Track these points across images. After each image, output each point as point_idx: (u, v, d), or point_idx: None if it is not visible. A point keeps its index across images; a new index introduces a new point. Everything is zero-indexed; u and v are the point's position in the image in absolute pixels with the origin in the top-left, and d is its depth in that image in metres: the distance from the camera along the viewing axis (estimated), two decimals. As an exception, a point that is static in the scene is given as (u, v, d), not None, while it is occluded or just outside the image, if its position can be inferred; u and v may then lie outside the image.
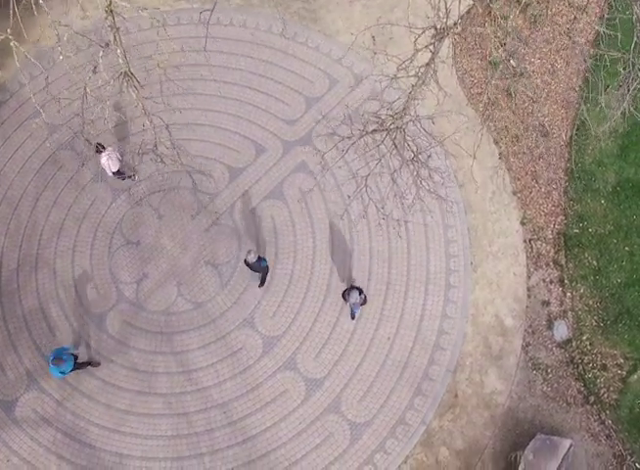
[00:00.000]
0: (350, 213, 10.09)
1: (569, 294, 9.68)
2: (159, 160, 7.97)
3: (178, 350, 9.71)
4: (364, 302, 9.11)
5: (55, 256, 10.41)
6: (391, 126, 7.32)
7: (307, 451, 9.05)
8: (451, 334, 9.53)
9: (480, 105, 11.18)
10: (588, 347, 9.36)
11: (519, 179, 10.43)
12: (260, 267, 9.33)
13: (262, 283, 9.83)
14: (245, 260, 9.17)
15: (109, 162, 9.76)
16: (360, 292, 8.71)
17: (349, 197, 9.74)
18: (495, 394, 9.21)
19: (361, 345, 9.54)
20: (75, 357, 9.03)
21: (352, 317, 9.49)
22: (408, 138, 7.33)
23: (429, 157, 8.53)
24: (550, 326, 9.56)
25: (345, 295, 8.93)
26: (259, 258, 9.13)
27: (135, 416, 9.35)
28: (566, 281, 9.70)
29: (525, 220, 10.20)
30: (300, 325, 9.78)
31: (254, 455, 9.09)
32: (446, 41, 8.77)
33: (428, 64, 6.81)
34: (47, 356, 8.55)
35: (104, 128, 8.76)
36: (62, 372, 8.63)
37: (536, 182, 10.45)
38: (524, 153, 10.65)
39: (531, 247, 9.92)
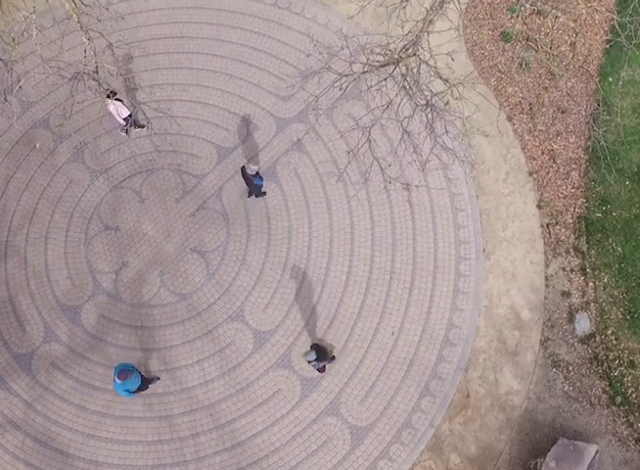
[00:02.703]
0: (350, 175, 9.09)
1: (591, 284, 8.82)
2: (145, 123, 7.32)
3: (160, 346, 8.81)
4: (322, 368, 8.16)
5: (26, 243, 9.49)
6: (402, 55, 6.45)
7: (303, 458, 8.18)
8: (462, 328, 8.65)
9: (492, 79, 10.34)
10: (614, 342, 8.51)
11: (535, 159, 9.53)
12: (254, 185, 8.78)
13: (250, 195, 9.32)
14: (242, 169, 8.58)
15: (118, 108, 9.09)
16: (318, 354, 7.69)
17: (349, 152, 8.85)
18: (511, 394, 8.36)
19: (362, 340, 8.67)
20: (142, 375, 8.07)
21: (319, 371, 8.37)
22: (423, 72, 6.43)
23: (446, 104, 7.67)
24: (571, 319, 8.71)
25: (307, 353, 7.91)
26: (258, 174, 8.57)
27: (112, 419, 8.47)
28: (588, 270, 8.84)
29: (542, 203, 9.32)
30: (295, 319, 8.89)
31: (244, 462, 8.22)
32: (454, 12, 7.97)
33: None
34: (113, 373, 7.66)
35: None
36: (127, 390, 7.69)
37: (554, 162, 9.55)
38: (540, 130, 9.73)
39: (549, 232, 9.04)
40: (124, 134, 9.89)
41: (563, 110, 9.99)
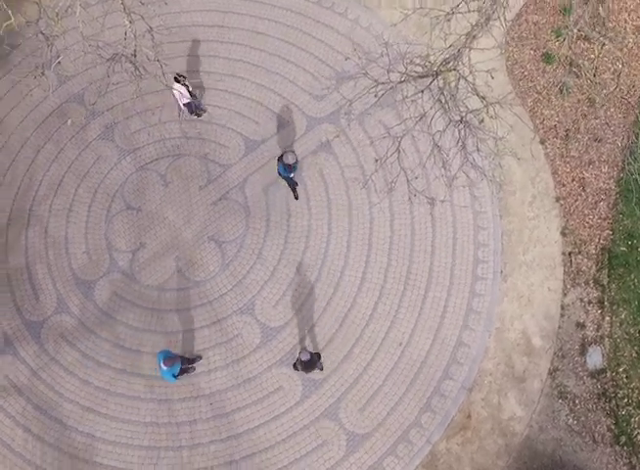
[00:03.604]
0: (375, 183, 8.87)
1: (608, 318, 8.65)
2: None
3: (169, 329, 8.87)
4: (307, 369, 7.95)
5: (49, 214, 9.63)
6: (441, 68, 6.40)
7: (296, 458, 8.16)
8: (471, 347, 8.54)
9: (530, 100, 10.19)
10: (624, 380, 8.33)
11: (564, 185, 9.38)
12: (289, 176, 8.73)
13: (296, 190, 9.27)
14: (280, 159, 8.51)
15: (182, 92, 9.15)
16: (306, 364, 7.55)
17: (377, 160, 8.79)
18: (513, 420, 8.23)
19: (369, 347, 8.61)
20: (181, 358, 8.16)
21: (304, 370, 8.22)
22: (461, 88, 6.39)
23: (481, 122, 7.60)
24: (583, 352, 8.54)
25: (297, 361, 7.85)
26: (296, 163, 8.55)
27: (113, 396, 8.55)
28: (606, 303, 8.67)
29: (566, 231, 9.16)
30: (304, 318, 8.87)
31: (238, 455, 8.23)
32: (499, 29, 7.87)
33: None
34: (157, 361, 7.79)
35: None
36: (173, 375, 7.80)
37: (583, 190, 9.38)
38: (572, 157, 9.56)
39: (571, 261, 8.89)
40: (177, 116, 9.92)
41: (598, 139, 9.80)
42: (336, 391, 8.45)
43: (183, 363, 8.15)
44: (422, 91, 7.87)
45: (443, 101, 7.89)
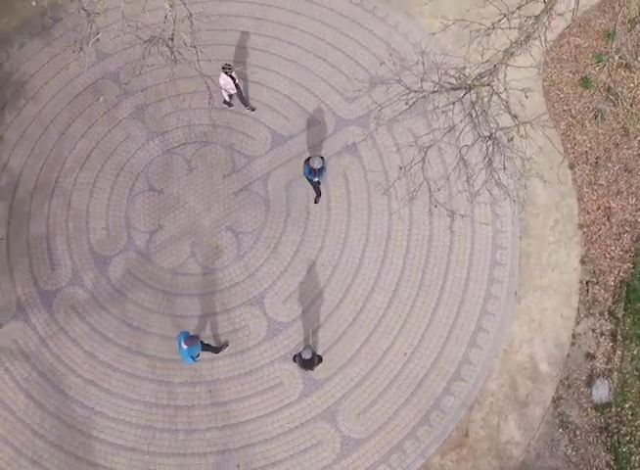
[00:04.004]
0: (397, 190, 8.93)
1: (619, 352, 8.51)
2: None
3: (178, 313, 8.96)
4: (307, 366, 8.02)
5: (73, 187, 9.77)
6: (475, 82, 6.36)
7: (289, 455, 8.18)
8: (476, 366, 8.47)
9: (563, 123, 10.05)
10: (629, 416, 8.19)
11: (588, 213, 9.24)
12: (313, 180, 8.71)
13: (317, 200, 9.29)
14: (307, 163, 8.50)
15: (228, 84, 9.17)
16: (305, 362, 7.61)
17: (401, 168, 8.75)
18: (511, 444, 8.15)
19: (374, 354, 8.59)
20: (201, 341, 8.11)
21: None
22: (493, 104, 6.35)
23: (510, 140, 7.52)
24: (590, 383, 8.41)
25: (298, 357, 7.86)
26: (323, 167, 8.54)
27: (116, 373, 8.66)
28: (619, 337, 8.53)
29: (586, 259, 9.03)
30: (313, 317, 8.88)
31: (232, 445, 8.28)
32: (538, 49, 7.78)
33: (539, 15, 5.83)
34: (177, 341, 7.82)
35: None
36: (192, 357, 7.82)
37: (608, 220, 9.23)
38: (600, 185, 9.42)
39: (587, 290, 8.75)
40: (207, 104, 9.73)
41: (629, 169, 9.62)
42: (336, 393, 8.44)
43: (205, 349, 8.18)
44: (453, 103, 7.82)
45: (474, 115, 7.83)
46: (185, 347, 7.62)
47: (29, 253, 9.40)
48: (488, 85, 7.48)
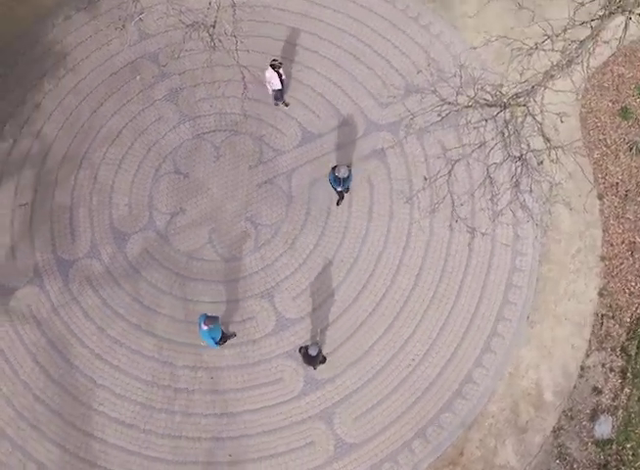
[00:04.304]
0: (420, 200, 8.96)
1: (627, 390, 8.38)
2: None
3: (189, 297, 9.03)
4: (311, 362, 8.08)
5: (101, 161, 9.91)
6: (511, 101, 6.31)
7: (281, 451, 8.19)
8: (479, 385, 8.39)
9: (596, 152, 9.90)
10: (630, 457, 8.05)
11: (612, 245, 9.12)
12: (337, 189, 8.69)
13: (339, 202, 9.26)
14: (333, 171, 8.49)
15: (273, 79, 9.24)
16: (309, 358, 7.66)
17: (426, 179, 8.71)
18: (506, 468, 8.06)
19: (380, 358, 8.57)
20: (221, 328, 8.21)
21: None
22: (527, 125, 6.29)
23: (540, 163, 7.42)
24: (593, 418, 8.29)
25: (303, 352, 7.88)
26: (349, 175, 8.50)
27: (122, 348, 8.76)
28: (628, 375, 8.40)
29: (604, 292, 8.90)
30: (321, 317, 8.88)
31: (226, 434, 8.32)
32: (579, 74, 7.66)
33: (584, 41, 5.76)
34: (198, 323, 7.90)
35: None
36: (213, 338, 7.92)
37: (631, 255, 9.09)
38: (627, 219, 9.28)
39: (602, 323, 8.64)
40: (241, 94, 9.61)
41: (658, 206, 9.50)
42: (335, 395, 8.44)
43: (226, 336, 8.21)
44: (486, 120, 7.76)
45: (506, 134, 7.76)
46: (205, 327, 7.67)
47: (52, 221, 9.56)
48: (524, 106, 7.41)
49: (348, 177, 8.64)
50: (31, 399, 8.50)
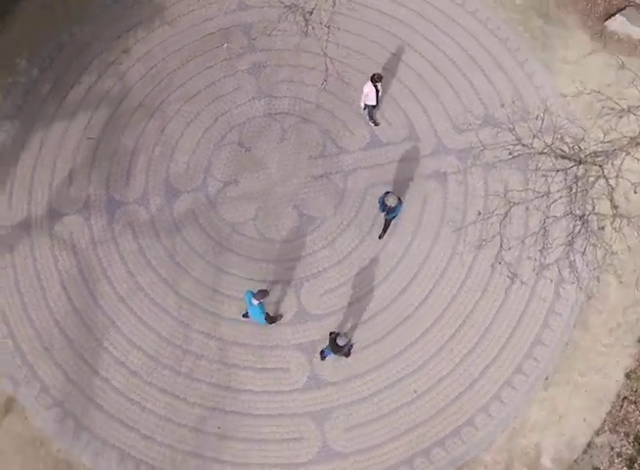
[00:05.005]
0: (468, 234, 8.84)
1: (629, 478, 8.09)
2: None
3: (221, 267, 9.16)
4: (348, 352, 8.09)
5: (173, 115, 10.13)
6: (588, 159, 6.15)
7: (268, 438, 8.22)
8: (479, 431, 8.21)
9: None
10: None
11: (653, 329, 8.79)
12: (385, 215, 8.54)
13: (382, 234, 9.06)
14: (382, 198, 8.35)
15: (370, 94, 9.09)
16: (333, 347, 7.57)
17: (480, 213, 8.58)
18: (484, 522, 7.90)
19: (386, 379, 8.49)
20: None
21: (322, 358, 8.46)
22: (598, 186, 6.10)
23: (601, 228, 7.19)
24: (586, 496, 8.04)
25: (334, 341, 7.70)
26: (399, 203, 8.36)
27: (146, 298, 8.96)
28: (636, 465, 8.03)
29: (633, 375, 8.54)
30: (343, 319, 8.85)
31: (221, 406, 8.41)
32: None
33: None
34: (247, 300, 7.87)
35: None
36: (266, 313, 7.90)
37: (670, 345, 8.75)
38: (679, 308, 8.92)
39: (622, 406, 8.29)
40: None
41: None
42: (334, 400, 8.42)
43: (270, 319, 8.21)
44: (557, 171, 7.56)
45: (574, 190, 7.53)
46: (256, 302, 7.62)
47: (113, 160, 9.86)
48: (600, 166, 7.18)
49: (396, 208, 8.40)
50: (52, 323, 8.82)
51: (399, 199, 8.37)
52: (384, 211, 8.50)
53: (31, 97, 10.29)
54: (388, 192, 8.46)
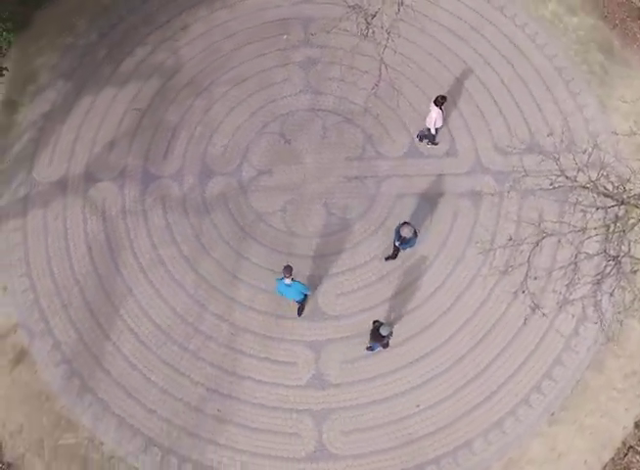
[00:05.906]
0: (495, 257, 8.71)
1: (621, 531, 7.86)
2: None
3: (243, 253, 9.23)
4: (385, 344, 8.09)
5: (220, 98, 10.24)
6: (631, 201, 6.04)
7: (264, 429, 8.24)
8: (476, 455, 8.09)
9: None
10: None
11: (671, 383, 8.54)
12: (398, 244, 8.38)
13: (388, 259, 8.95)
14: (398, 233, 8.23)
15: (435, 116, 9.02)
16: (375, 336, 7.62)
17: (511, 239, 8.50)
18: None
19: (388, 389, 8.42)
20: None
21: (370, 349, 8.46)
22: (637, 229, 5.99)
23: (633, 272, 7.05)
24: None
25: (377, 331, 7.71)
26: (415, 235, 8.20)
27: (166, 273, 9.08)
28: (631, 516, 7.87)
29: (642, 425, 8.43)
30: (355, 323, 8.80)
31: (223, 390, 8.44)
32: None
33: None
34: (280, 283, 7.90)
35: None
36: (302, 292, 7.90)
37: (686, 401, 8.49)
38: (698, 366, 8.65)
39: (626, 454, 8.06)
40: (371, 88, 9.22)
41: None
42: (336, 401, 8.40)
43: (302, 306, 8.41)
44: (597, 208, 7.40)
45: (611, 229, 7.37)
46: (288, 281, 7.56)
47: (154, 133, 10.01)
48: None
49: (410, 240, 8.23)
50: (72, 281, 9.02)
51: (415, 232, 8.18)
52: (398, 240, 8.38)
53: (87, 60, 10.56)
54: (405, 222, 8.29)
